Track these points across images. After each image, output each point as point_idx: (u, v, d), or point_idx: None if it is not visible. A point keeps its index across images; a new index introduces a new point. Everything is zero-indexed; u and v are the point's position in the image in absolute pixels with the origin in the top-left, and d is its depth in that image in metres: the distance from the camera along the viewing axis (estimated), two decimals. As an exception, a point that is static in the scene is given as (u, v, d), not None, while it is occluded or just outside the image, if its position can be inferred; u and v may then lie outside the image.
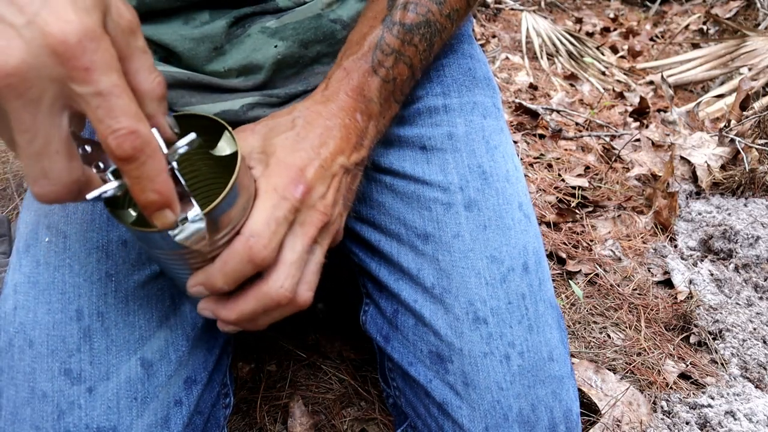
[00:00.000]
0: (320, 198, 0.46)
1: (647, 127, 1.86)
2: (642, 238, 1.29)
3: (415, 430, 0.62)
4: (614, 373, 0.91)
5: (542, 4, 3.29)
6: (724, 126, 1.45)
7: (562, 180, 1.48)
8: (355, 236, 0.64)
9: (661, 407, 0.86)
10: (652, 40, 2.98)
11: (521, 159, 1.56)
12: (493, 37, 2.74)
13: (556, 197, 1.39)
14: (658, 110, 2.04)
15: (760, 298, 1.09)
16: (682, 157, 1.40)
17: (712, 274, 1.14)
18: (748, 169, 1.34)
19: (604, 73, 2.43)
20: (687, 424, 0.83)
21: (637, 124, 1.90)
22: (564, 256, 1.19)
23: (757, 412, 0.83)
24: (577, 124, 1.84)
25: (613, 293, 1.11)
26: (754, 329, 1.01)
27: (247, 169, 0.43)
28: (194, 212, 0.37)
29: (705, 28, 2.79)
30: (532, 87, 2.16)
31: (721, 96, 2.05)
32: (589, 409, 0.85)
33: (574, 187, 1.44)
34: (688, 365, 0.95)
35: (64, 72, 0.29)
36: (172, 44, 0.56)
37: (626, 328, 1.03)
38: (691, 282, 1.12)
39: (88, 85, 0.30)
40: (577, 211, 1.35)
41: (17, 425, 0.49)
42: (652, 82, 2.34)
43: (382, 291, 0.63)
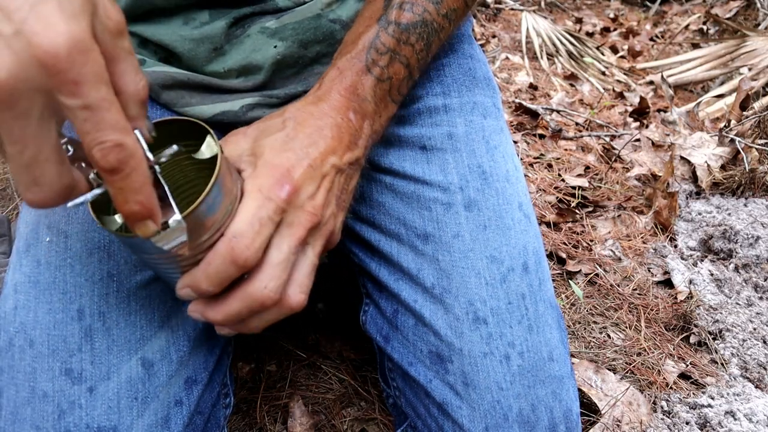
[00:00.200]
0: (309, 198, 0.45)
1: (647, 127, 1.86)
2: (642, 238, 1.29)
3: (415, 430, 0.62)
4: (614, 373, 0.91)
5: (542, 4, 3.29)
6: (724, 126, 1.45)
7: (562, 180, 1.48)
8: (355, 236, 0.64)
9: (661, 407, 0.86)
10: (652, 40, 2.98)
11: (521, 159, 1.56)
12: (493, 37, 2.74)
13: (556, 197, 1.39)
14: (658, 110, 2.04)
15: (760, 298, 1.09)
16: (682, 157, 1.40)
17: (712, 274, 1.14)
18: (748, 169, 1.34)
19: (604, 73, 2.43)
20: (687, 424, 0.83)
21: (637, 124, 1.90)
22: (564, 256, 1.19)
23: (757, 412, 0.83)
24: (577, 124, 1.84)
25: (613, 293, 1.11)
26: (754, 329, 1.01)
27: (230, 171, 0.43)
28: (174, 217, 0.37)
29: (705, 28, 2.79)
30: (532, 87, 2.16)
31: (721, 96, 2.05)
32: (589, 409, 0.85)
33: (574, 187, 1.44)
34: (688, 365, 0.95)
35: (53, 84, 0.29)
36: (172, 45, 0.56)
37: (626, 328, 1.03)
38: (691, 282, 1.12)
39: (76, 99, 0.29)
40: (577, 211, 1.35)
41: (17, 425, 0.49)
42: (652, 82, 2.34)
43: (382, 291, 0.63)
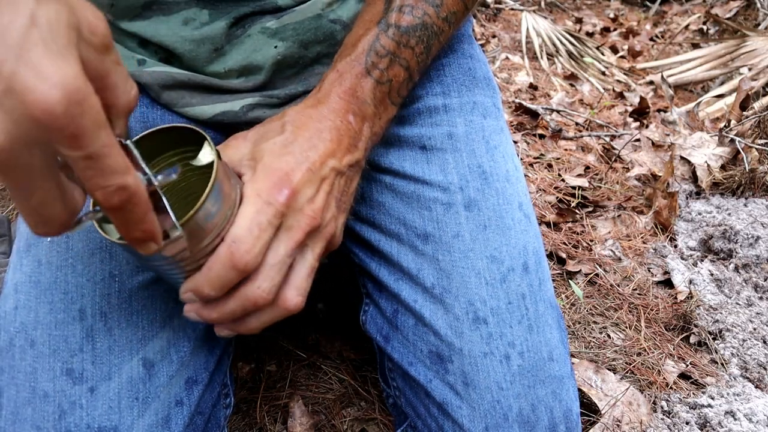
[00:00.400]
0: (308, 201, 0.45)
1: (647, 127, 1.86)
2: (642, 238, 1.29)
3: (415, 430, 0.62)
4: (614, 373, 0.91)
5: (542, 4, 3.29)
6: (724, 126, 1.45)
7: (562, 180, 1.48)
8: (355, 236, 0.64)
9: (661, 407, 0.86)
10: (652, 40, 2.98)
11: (521, 159, 1.56)
12: (493, 37, 2.74)
13: (556, 197, 1.39)
14: (658, 110, 2.04)
15: (760, 298, 1.09)
16: (682, 157, 1.40)
17: (712, 274, 1.14)
18: (748, 169, 1.34)
19: (604, 73, 2.43)
20: (687, 424, 0.83)
21: (637, 124, 1.90)
22: (564, 256, 1.19)
23: (757, 412, 0.83)
24: (577, 124, 1.84)
25: (613, 293, 1.11)
26: (754, 329, 1.01)
27: (228, 176, 0.43)
28: (173, 229, 0.38)
29: (705, 28, 2.79)
30: (532, 87, 2.16)
31: (721, 96, 2.05)
32: (589, 409, 0.85)
33: (574, 187, 1.44)
34: (688, 365, 0.95)
35: (51, 139, 0.28)
36: (172, 46, 0.56)
37: (626, 328, 1.03)
38: (691, 282, 1.12)
39: (77, 151, 0.29)
40: (577, 211, 1.35)
41: (18, 425, 0.49)
42: (652, 82, 2.34)
43: (382, 291, 0.63)
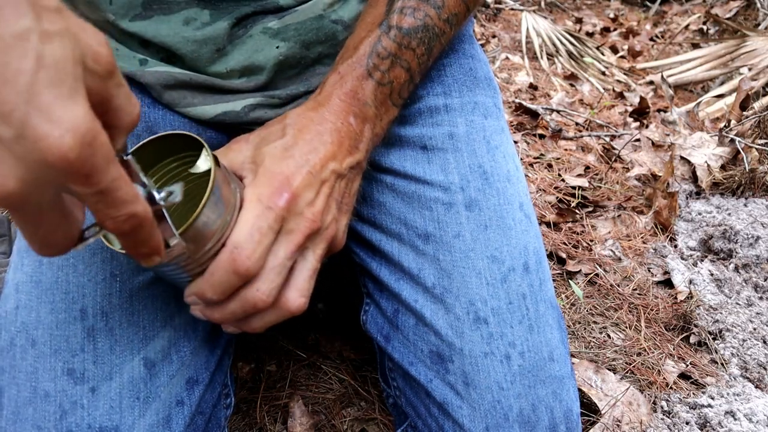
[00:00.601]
0: (308, 205, 0.46)
1: (647, 127, 1.87)
2: (642, 238, 1.29)
3: (415, 430, 0.62)
4: (614, 373, 0.91)
5: (542, 4, 3.29)
6: (724, 126, 1.45)
7: (562, 180, 1.48)
8: (356, 236, 0.64)
9: (661, 407, 0.86)
10: (652, 40, 2.99)
11: (521, 159, 1.57)
12: (493, 37, 2.74)
13: (556, 197, 1.39)
14: (658, 110, 2.04)
15: (760, 298, 1.09)
16: (682, 157, 1.40)
17: (712, 274, 1.14)
18: (748, 169, 1.34)
19: (604, 73, 2.43)
20: (687, 424, 0.83)
21: (637, 124, 1.90)
22: (564, 256, 1.19)
23: (757, 412, 0.83)
24: (577, 124, 1.84)
25: (613, 293, 1.11)
26: (754, 329, 1.01)
27: (228, 181, 0.43)
28: (173, 239, 0.38)
29: (705, 28, 2.79)
30: (532, 87, 2.16)
31: (721, 96, 2.05)
32: (589, 409, 0.85)
33: (574, 187, 1.44)
34: (688, 365, 0.95)
35: (64, 180, 0.28)
36: (174, 46, 0.56)
37: (626, 328, 1.03)
38: (691, 282, 1.12)
39: (88, 188, 0.29)
40: (577, 211, 1.35)
41: (19, 425, 0.49)
42: (652, 82, 2.34)
43: (382, 291, 0.63)
